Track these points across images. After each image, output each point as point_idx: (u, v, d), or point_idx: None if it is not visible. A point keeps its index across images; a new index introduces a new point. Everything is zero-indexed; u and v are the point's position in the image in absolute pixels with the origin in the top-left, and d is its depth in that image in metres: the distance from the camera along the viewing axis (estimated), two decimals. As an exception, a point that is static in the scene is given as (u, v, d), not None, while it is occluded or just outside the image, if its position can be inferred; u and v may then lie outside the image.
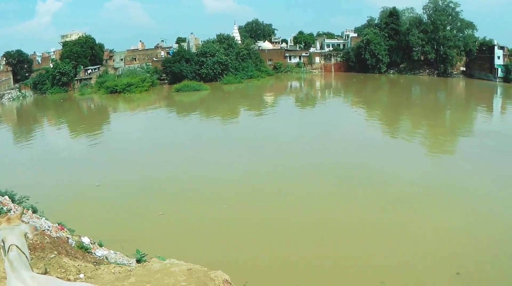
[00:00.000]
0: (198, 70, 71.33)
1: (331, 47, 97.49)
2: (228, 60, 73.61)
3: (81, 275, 7.26)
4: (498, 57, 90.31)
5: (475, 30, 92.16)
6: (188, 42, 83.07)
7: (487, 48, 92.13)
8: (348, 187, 22.82)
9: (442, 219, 18.97)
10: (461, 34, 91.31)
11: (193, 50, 77.79)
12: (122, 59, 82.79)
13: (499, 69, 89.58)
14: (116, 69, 79.78)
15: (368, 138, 36.20)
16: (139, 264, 7.58)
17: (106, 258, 9.77)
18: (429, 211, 19.96)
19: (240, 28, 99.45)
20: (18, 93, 73.26)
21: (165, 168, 26.48)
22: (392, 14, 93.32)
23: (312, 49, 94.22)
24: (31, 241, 7.32)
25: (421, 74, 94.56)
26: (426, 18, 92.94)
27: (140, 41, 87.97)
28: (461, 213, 19.72)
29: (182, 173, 25.55)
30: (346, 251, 16.06)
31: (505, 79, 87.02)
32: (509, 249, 16.36)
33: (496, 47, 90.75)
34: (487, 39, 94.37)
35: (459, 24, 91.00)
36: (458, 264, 15.23)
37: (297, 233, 17.28)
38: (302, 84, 79.21)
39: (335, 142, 33.91)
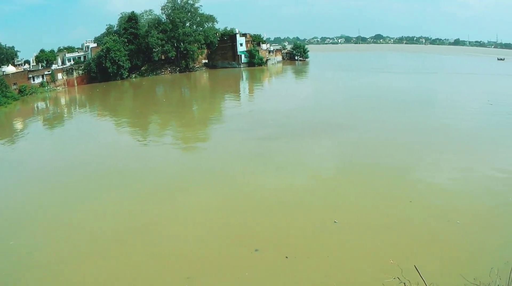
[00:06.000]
0: None
1: (72, 61, 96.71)
2: (-28, 92, 66.80)
3: None
4: (241, 44, 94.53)
5: (215, 23, 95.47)
6: None
7: (229, 37, 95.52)
8: (106, 196, 23.38)
9: (210, 203, 20.80)
10: (201, 28, 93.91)
11: None
12: None
13: (243, 55, 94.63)
14: None
15: (119, 147, 36.24)
16: None
17: None
18: (202, 198, 21.54)
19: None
20: None
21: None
22: (131, 19, 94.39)
23: (54, 66, 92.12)
24: None
25: (163, 73, 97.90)
26: (165, 18, 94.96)
27: None
28: (230, 194, 21.98)
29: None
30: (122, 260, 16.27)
31: (250, 64, 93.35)
32: (290, 221, 18.25)
33: (238, 35, 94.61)
34: (229, 28, 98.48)
35: (198, 19, 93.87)
36: (255, 241, 16.49)
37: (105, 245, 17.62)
38: (48, 104, 78.09)
39: (87, 158, 33.20)
